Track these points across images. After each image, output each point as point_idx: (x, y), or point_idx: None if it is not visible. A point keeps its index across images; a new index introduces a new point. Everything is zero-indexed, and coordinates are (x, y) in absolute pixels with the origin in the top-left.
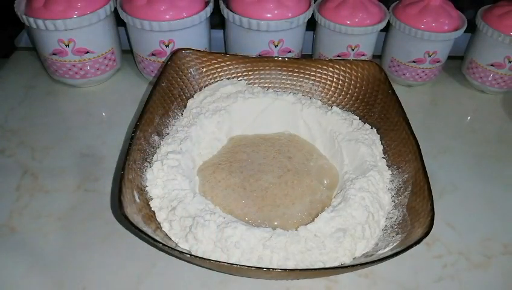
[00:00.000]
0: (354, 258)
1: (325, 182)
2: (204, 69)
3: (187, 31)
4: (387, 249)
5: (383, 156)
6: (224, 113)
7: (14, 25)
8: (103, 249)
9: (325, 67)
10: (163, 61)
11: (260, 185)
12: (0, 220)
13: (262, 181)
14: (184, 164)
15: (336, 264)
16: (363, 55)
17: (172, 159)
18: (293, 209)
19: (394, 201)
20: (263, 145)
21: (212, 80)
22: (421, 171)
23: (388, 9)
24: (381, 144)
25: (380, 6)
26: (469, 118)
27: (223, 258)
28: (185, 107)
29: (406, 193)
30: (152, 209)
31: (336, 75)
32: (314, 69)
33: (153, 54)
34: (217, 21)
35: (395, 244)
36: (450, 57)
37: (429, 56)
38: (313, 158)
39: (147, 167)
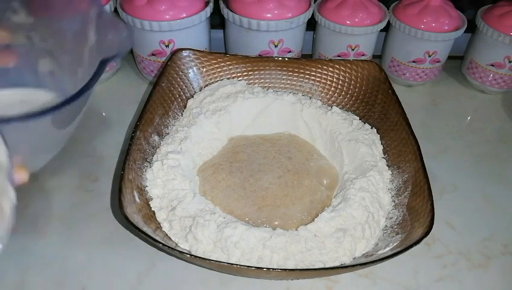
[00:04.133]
0: (354, 258)
1: (325, 182)
2: (204, 69)
3: (187, 31)
4: (387, 249)
5: (383, 156)
6: (224, 113)
7: None
8: (103, 249)
9: (325, 67)
10: (163, 61)
11: (260, 185)
12: None
13: (262, 181)
14: (184, 164)
15: (336, 264)
16: (363, 55)
17: (172, 159)
18: (293, 210)
19: (394, 201)
20: (263, 146)
21: (212, 80)
22: (421, 171)
23: (388, 9)
24: (381, 144)
25: (380, 6)
26: (469, 118)
27: (223, 258)
28: (185, 107)
29: (406, 192)
30: (152, 209)
31: (335, 75)
32: (314, 69)
33: (153, 54)
34: (217, 21)
35: (395, 244)
36: (450, 57)
37: (429, 56)
38: (313, 158)
39: (147, 167)
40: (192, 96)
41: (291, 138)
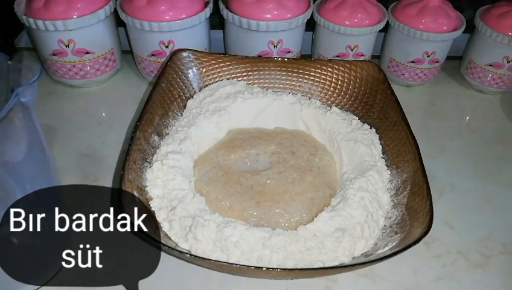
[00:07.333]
0: (353, 258)
1: (326, 180)
2: (204, 70)
3: (187, 31)
4: (386, 248)
5: (382, 156)
6: (224, 114)
7: (14, 26)
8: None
9: (324, 67)
10: (163, 62)
11: (257, 180)
12: None
13: (260, 176)
14: (184, 164)
15: (335, 263)
16: (362, 55)
17: (172, 159)
18: (293, 207)
19: (393, 201)
20: (263, 140)
21: (212, 81)
22: (420, 171)
23: (387, 9)
24: (380, 143)
25: (379, 7)
26: (468, 118)
27: (222, 258)
28: (184, 107)
29: (405, 192)
30: (152, 209)
31: (335, 76)
32: (313, 70)
33: (152, 55)
34: (217, 22)
35: (394, 243)
36: (448, 57)
37: (428, 56)
38: (318, 154)
39: (146, 167)
40: (192, 97)
41: (295, 132)
